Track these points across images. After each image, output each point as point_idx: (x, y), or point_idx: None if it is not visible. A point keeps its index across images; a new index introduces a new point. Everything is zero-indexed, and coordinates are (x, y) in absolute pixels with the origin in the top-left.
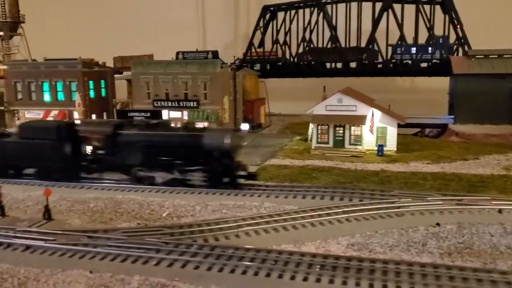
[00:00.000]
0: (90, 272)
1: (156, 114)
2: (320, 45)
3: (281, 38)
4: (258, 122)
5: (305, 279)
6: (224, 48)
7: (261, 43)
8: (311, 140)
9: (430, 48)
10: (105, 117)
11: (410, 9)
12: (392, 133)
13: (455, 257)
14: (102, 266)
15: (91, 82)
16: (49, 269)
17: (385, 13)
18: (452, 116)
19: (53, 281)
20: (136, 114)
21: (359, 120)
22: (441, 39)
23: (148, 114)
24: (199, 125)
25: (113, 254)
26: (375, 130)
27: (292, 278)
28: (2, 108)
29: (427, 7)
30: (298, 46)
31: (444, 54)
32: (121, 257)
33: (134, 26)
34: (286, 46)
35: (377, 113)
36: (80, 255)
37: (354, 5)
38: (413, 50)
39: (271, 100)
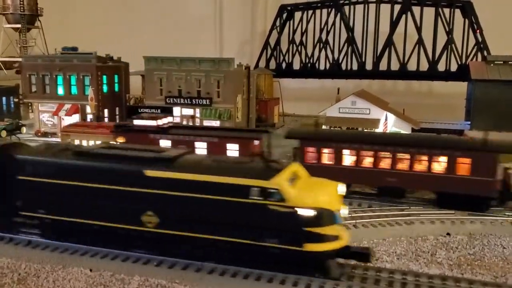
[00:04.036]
0: (90, 270)
1: (167, 110)
2: (336, 46)
3: (297, 38)
4: (272, 122)
5: (307, 286)
6: (241, 45)
7: (277, 43)
8: None
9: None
10: (117, 112)
11: (429, 12)
12: None
13: (465, 269)
14: (103, 264)
15: (104, 77)
16: (50, 266)
17: (404, 16)
18: (469, 122)
19: (53, 278)
20: (147, 110)
21: (372, 123)
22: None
23: (159, 111)
24: None
25: (114, 253)
26: None
27: (295, 284)
28: (17, 100)
29: (446, 10)
30: (314, 46)
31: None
32: (122, 257)
33: (150, 21)
34: (302, 46)
35: (391, 117)
36: (81, 252)
37: (372, 6)
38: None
39: (285, 100)
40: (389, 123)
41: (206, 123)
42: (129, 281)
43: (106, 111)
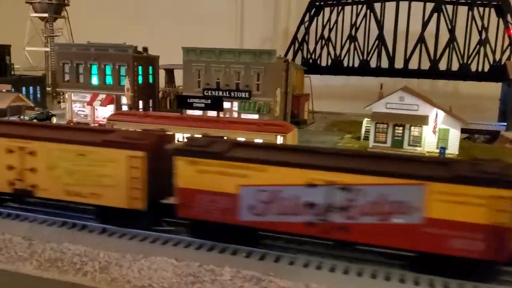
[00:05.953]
0: (176, 260)
1: (218, 101)
2: (365, 44)
3: (325, 34)
4: (303, 118)
5: (401, 280)
6: (262, 42)
7: (304, 39)
8: (364, 139)
9: None
10: (151, 104)
11: (461, 10)
12: (454, 135)
13: None
14: (188, 254)
15: (140, 68)
16: (130, 254)
17: (435, 14)
18: (505, 123)
19: (137, 267)
20: (196, 100)
21: (421, 120)
22: None
23: (209, 101)
24: None
25: (198, 243)
26: (437, 132)
27: (387, 278)
28: (48, 89)
29: (480, 9)
30: (343, 44)
31: None
32: (207, 246)
33: (172, 16)
34: (330, 43)
35: (441, 113)
36: (161, 241)
37: (403, 4)
38: None
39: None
40: (438, 120)
41: (244, 116)
42: (220, 272)
43: (140, 102)
